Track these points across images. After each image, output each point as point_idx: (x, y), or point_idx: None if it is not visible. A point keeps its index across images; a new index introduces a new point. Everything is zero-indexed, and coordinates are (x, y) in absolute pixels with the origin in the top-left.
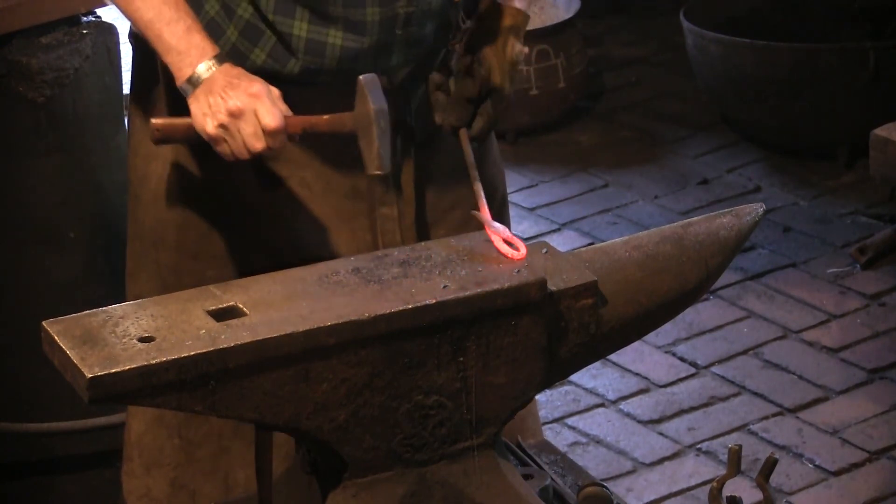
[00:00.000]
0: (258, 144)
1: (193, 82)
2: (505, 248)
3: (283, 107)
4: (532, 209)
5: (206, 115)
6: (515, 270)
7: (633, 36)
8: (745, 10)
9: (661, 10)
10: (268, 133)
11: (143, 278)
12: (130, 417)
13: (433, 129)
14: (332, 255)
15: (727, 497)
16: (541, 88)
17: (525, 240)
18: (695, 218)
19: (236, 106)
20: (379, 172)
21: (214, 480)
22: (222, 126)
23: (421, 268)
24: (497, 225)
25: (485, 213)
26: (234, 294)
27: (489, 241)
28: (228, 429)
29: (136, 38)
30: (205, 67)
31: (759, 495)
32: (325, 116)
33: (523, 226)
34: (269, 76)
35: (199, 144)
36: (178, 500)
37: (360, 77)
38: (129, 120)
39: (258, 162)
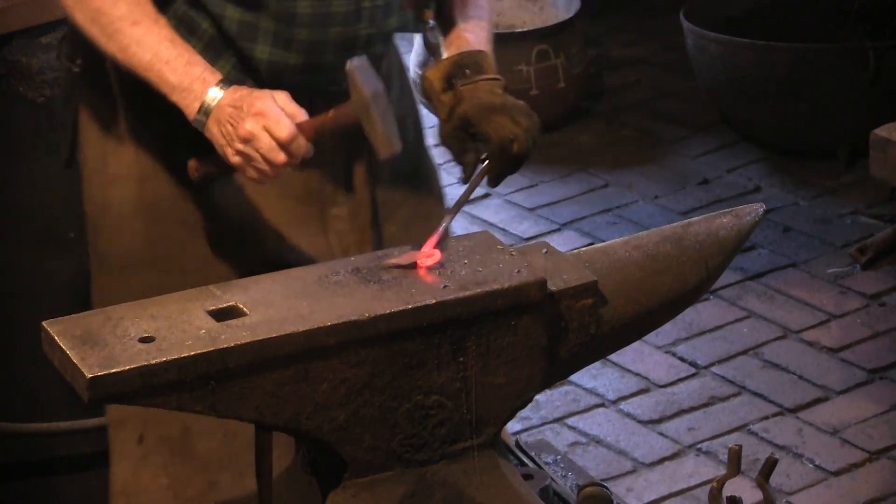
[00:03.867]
0: (279, 157)
1: (203, 114)
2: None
3: (294, 109)
4: (532, 209)
5: (223, 146)
6: (516, 270)
7: (633, 36)
8: (745, 10)
9: (661, 10)
10: (284, 144)
11: None
12: (115, 465)
13: None
14: (289, 259)
15: (727, 497)
16: (541, 88)
17: (525, 240)
18: (695, 218)
19: (246, 130)
20: (388, 155)
21: None
22: (240, 153)
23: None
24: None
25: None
26: (234, 294)
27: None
28: (215, 461)
29: (86, 56)
30: (210, 98)
31: (759, 495)
32: (330, 112)
33: (524, 226)
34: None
35: (226, 176)
36: None
37: (348, 64)
38: (81, 149)
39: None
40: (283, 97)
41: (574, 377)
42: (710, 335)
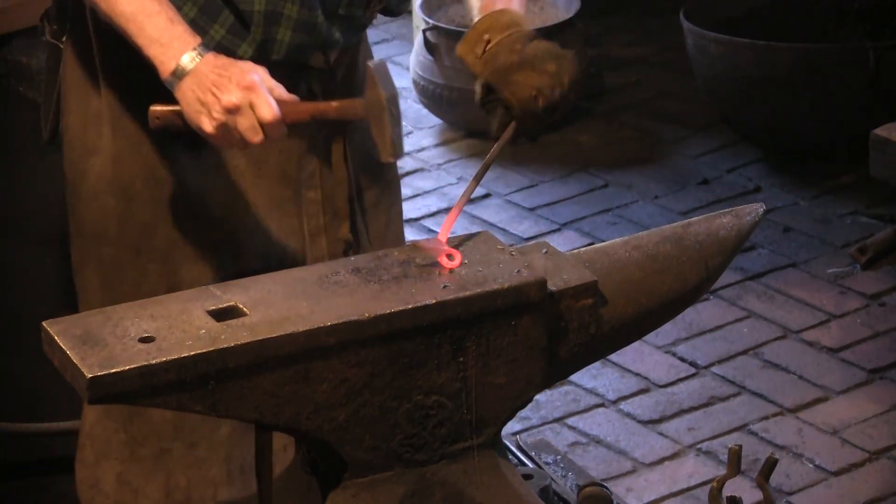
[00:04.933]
0: (256, 138)
1: (178, 75)
2: (444, 259)
3: (282, 92)
4: (532, 209)
5: (200, 112)
6: (516, 270)
7: (633, 36)
8: (745, 10)
9: (661, 10)
10: (266, 126)
11: (87, 273)
12: (86, 406)
13: None
14: (264, 241)
15: (727, 497)
16: None
17: (525, 240)
18: (695, 218)
19: (231, 102)
20: (393, 160)
21: (156, 481)
22: (219, 123)
23: (421, 268)
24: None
25: (449, 220)
26: (234, 294)
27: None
28: (169, 430)
29: (72, 32)
30: (188, 59)
31: (759, 495)
32: (335, 103)
33: (523, 226)
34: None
35: (189, 133)
36: (122, 496)
37: (369, 63)
38: (63, 116)
39: (195, 152)
40: (263, 72)
41: (574, 377)
42: (710, 335)
